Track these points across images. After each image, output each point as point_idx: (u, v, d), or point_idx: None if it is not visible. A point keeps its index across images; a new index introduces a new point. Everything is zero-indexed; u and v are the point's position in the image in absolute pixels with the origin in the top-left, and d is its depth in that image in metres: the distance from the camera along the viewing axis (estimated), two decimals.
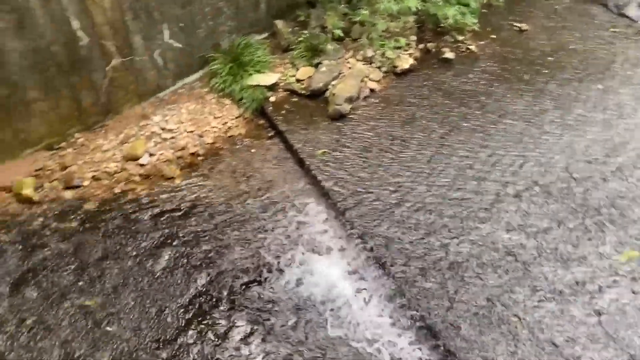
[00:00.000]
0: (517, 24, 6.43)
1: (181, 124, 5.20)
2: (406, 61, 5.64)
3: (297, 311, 3.89)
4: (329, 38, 5.77)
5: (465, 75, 5.69)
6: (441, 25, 5.98)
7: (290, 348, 3.68)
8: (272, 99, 5.43)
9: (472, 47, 6.00)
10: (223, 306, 3.92)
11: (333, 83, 5.39)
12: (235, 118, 5.35)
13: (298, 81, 5.54)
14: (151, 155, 4.94)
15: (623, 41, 6.25)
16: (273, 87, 5.49)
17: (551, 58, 5.96)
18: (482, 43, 6.13)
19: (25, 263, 4.15)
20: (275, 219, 4.50)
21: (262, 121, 5.39)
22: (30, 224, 4.42)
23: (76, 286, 4.01)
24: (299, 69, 5.63)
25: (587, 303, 3.72)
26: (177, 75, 5.58)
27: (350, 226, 4.30)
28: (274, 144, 5.17)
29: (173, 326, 3.80)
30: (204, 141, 5.13)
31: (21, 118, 4.67)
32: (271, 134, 5.26)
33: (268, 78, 5.47)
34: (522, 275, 3.90)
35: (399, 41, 5.70)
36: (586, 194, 4.44)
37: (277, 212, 4.55)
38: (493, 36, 6.26)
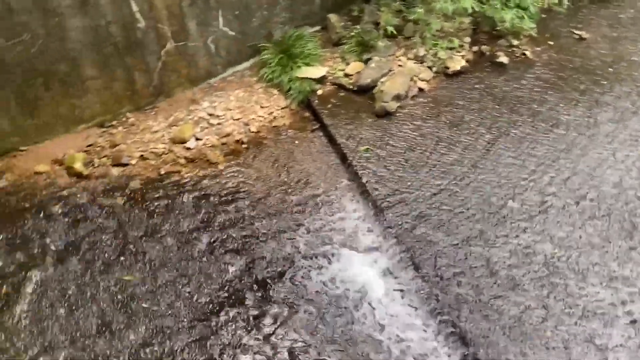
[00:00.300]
0: (577, 32, 6.20)
1: (228, 111, 5.28)
2: (458, 62, 5.54)
3: (329, 306, 3.90)
4: (381, 34, 5.73)
5: (518, 81, 5.54)
6: (497, 28, 5.83)
7: (318, 342, 3.69)
8: (319, 92, 5.43)
9: (528, 53, 5.83)
10: (255, 294, 3.97)
11: (382, 80, 5.35)
12: (281, 109, 5.39)
13: (347, 76, 5.53)
14: (197, 139, 5.04)
15: None
16: (321, 80, 5.49)
17: (611, 69, 5.72)
18: (539, 49, 5.94)
19: (70, 234, 4.31)
20: (312, 213, 4.52)
21: (308, 114, 5.40)
22: (78, 198, 4.59)
23: (117, 260, 4.15)
24: (349, 64, 5.61)
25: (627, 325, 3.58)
26: (228, 62, 5.65)
27: (387, 225, 4.28)
28: (318, 137, 5.18)
29: (206, 308, 3.88)
30: (249, 129, 5.19)
31: (77, 94, 4.85)
32: (315, 127, 5.26)
33: (317, 71, 5.48)
34: (563, 289, 3.79)
35: (453, 42, 5.60)
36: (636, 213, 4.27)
37: (315, 206, 4.57)
38: (550, 43, 6.05)
